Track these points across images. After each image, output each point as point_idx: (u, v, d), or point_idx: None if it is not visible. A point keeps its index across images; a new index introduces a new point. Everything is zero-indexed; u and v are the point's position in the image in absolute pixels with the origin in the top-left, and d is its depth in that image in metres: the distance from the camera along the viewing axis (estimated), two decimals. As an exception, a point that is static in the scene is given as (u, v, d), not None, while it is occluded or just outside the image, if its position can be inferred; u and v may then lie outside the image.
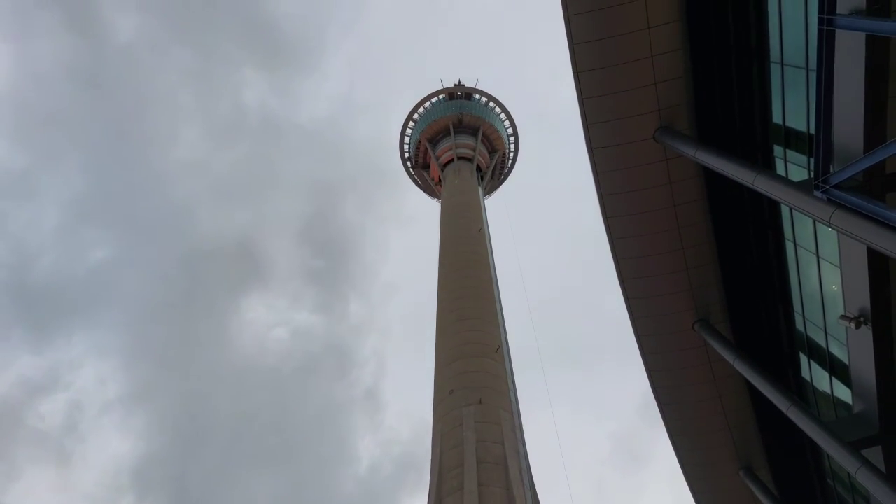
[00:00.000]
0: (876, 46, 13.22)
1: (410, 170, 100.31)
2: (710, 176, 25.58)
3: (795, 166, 20.36)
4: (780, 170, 21.27)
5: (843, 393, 22.83)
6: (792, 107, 19.44)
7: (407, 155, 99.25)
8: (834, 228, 16.22)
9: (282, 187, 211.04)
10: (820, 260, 21.11)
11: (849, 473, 20.43)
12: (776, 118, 20.75)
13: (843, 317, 19.25)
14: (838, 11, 13.35)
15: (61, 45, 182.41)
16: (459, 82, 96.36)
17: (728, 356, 26.79)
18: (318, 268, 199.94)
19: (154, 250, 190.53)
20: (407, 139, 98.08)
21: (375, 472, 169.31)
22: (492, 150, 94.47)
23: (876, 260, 17.31)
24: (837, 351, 22.10)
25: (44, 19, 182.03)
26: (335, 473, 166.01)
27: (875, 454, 20.81)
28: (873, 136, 14.62)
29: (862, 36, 13.24)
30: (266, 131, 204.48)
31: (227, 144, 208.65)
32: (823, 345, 23.09)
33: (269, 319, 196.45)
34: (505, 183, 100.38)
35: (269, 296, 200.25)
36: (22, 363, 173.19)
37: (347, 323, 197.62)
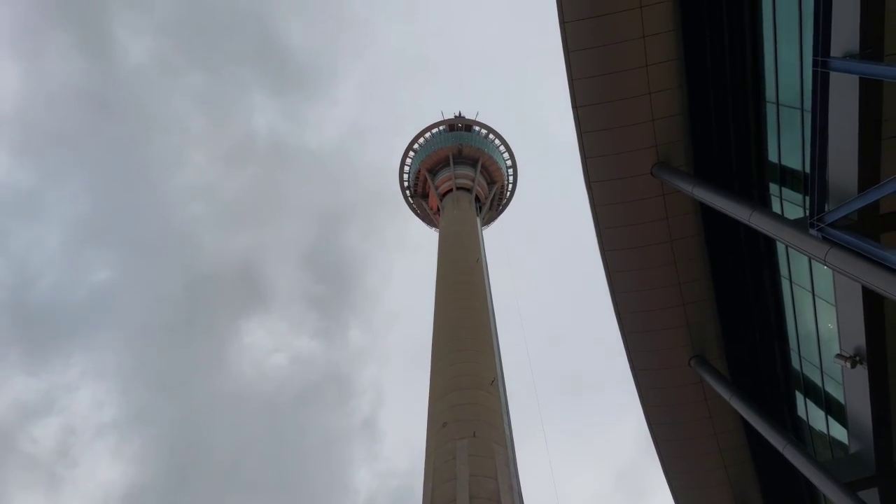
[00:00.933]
0: (869, 89, 13.52)
1: (409, 199, 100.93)
2: (706, 212, 25.81)
3: (791, 204, 20.58)
4: (776, 207, 21.49)
5: (839, 433, 22.65)
6: (787, 146, 19.75)
7: (406, 184, 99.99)
8: (829, 267, 16.34)
9: (287, 212, 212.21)
10: (815, 298, 21.17)
11: (846, 515, 20.14)
12: (772, 156, 21.06)
13: (839, 356, 19.22)
14: (832, 54, 13.69)
15: (73, 65, 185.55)
16: (460, 114, 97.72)
17: (724, 393, 26.63)
18: (320, 293, 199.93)
19: (156, 273, 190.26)
20: (407, 168, 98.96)
21: None
22: (490, 182, 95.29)
23: (871, 299, 17.36)
24: (833, 390, 21.99)
25: (57, 40, 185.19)
26: None
27: (871, 496, 20.56)
28: (867, 176, 14.84)
29: (856, 78, 13.55)
30: (273, 156, 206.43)
31: (235, 168, 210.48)
32: (819, 384, 22.99)
33: (268, 345, 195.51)
34: (503, 214, 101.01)
35: (269, 321, 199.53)
36: (17, 384, 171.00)
37: (347, 350, 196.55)
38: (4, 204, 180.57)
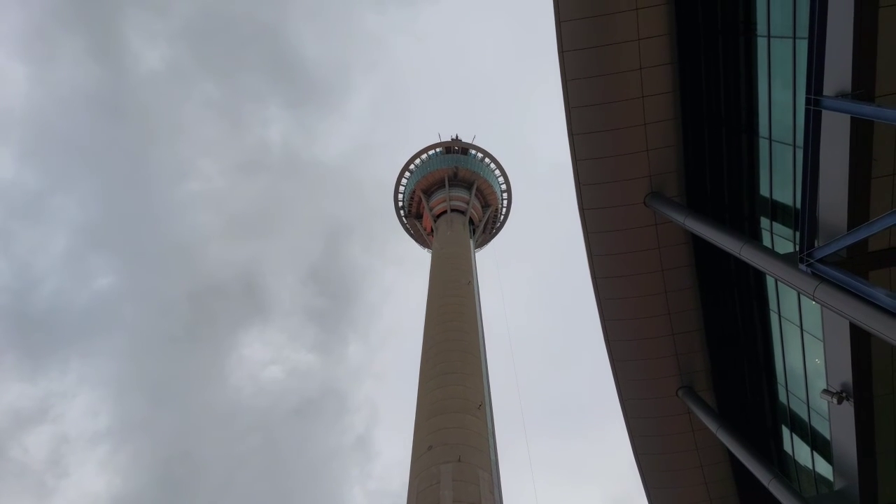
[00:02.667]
0: (860, 128, 13.81)
1: (403, 219, 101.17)
2: (698, 243, 26.04)
3: (781, 239, 20.80)
4: (767, 241, 21.71)
5: (824, 469, 22.61)
6: (779, 181, 20.05)
7: (401, 204, 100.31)
8: (818, 302, 16.47)
9: (293, 224, 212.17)
10: (804, 333, 21.30)
11: (830, 553, 20.03)
12: (763, 191, 21.34)
13: (826, 391, 19.27)
14: (825, 93, 13.99)
15: (84, 70, 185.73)
16: (457, 137, 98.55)
17: (711, 425, 26.59)
18: (320, 307, 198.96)
19: (159, 281, 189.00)
20: (402, 188, 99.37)
21: None
22: (485, 205, 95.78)
23: (858, 336, 17.48)
24: (819, 425, 22.01)
25: (69, 43, 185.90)
26: None
27: (856, 535, 20.44)
28: (857, 213, 15.07)
29: (847, 117, 13.84)
30: (281, 167, 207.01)
31: (242, 178, 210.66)
32: (806, 418, 23.01)
33: (266, 357, 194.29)
34: (496, 237, 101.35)
35: (268, 332, 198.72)
36: (12, 391, 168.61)
37: (345, 365, 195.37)
38: (11, 205, 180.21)
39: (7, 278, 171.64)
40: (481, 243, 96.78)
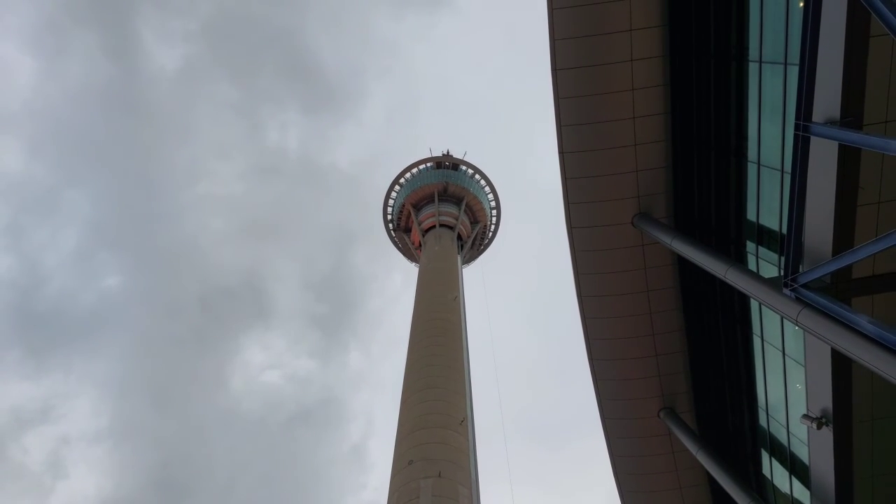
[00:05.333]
0: (848, 156, 14.05)
1: (392, 232, 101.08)
2: (683, 265, 26.23)
3: (766, 263, 21.02)
4: (752, 265, 21.92)
5: (802, 494, 22.65)
6: (766, 206, 20.30)
7: (390, 217, 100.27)
8: (800, 327, 16.63)
9: (300, 229, 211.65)
10: (786, 357, 21.44)
11: (807, 580, 20.00)
12: (750, 215, 21.60)
13: (806, 416, 19.36)
14: (814, 119, 14.24)
15: (98, 67, 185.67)
16: (448, 152, 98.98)
17: (691, 447, 26.60)
18: (323, 313, 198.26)
19: (165, 282, 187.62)
20: (392, 202, 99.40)
21: None
22: (474, 221, 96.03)
23: (840, 362, 17.62)
24: (798, 450, 22.09)
25: (83, 39, 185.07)
26: None
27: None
28: (842, 240, 15.27)
29: (835, 144, 14.08)
30: (293, 172, 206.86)
31: (252, 181, 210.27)
32: (785, 443, 23.09)
33: (268, 362, 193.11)
34: (484, 253, 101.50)
35: (271, 338, 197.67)
36: (14, 390, 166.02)
37: (345, 373, 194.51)
38: (21, 200, 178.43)
39: (14, 274, 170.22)
40: (469, 259, 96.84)
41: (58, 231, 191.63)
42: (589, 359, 29.15)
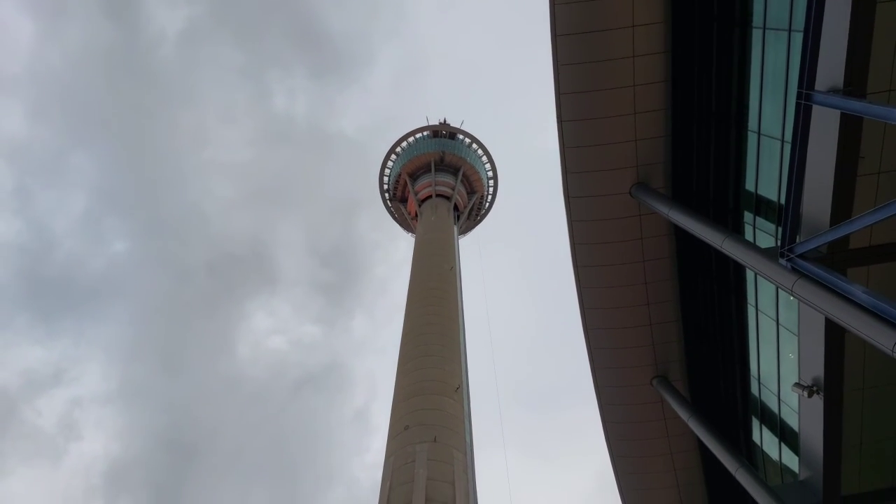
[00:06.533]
0: (849, 125, 13.94)
1: (388, 202, 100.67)
2: (680, 235, 26.25)
3: (763, 233, 21.05)
4: (749, 236, 21.96)
5: (790, 459, 23.15)
6: (765, 176, 20.24)
7: (386, 187, 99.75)
8: (795, 297, 16.72)
9: (306, 195, 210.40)
10: (779, 327, 21.66)
11: (791, 541, 20.58)
12: (749, 185, 21.54)
13: (797, 385, 19.67)
14: (817, 88, 14.08)
15: (100, 28, 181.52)
16: (445, 121, 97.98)
17: (683, 414, 27.02)
18: (328, 280, 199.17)
19: (174, 247, 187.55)
20: (388, 171, 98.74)
21: (352, 502, 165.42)
22: (470, 191, 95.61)
23: (833, 331, 17.82)
24: (789, 418, 22.49)
25: (83, 1, 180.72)
26: (318, 495, 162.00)
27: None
28: (840, 210, 15.27)
29: (837, 113, 13.96)
30: (299, 138, 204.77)
31: (258, 146, 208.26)
32: (776, 411, 23.49)
33: (274, 327, 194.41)
34: (481, 224, 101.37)
35: (276, 304, 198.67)
36: (26, 354, 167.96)
37: (349, 339, 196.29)
38: (26, 163, 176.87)
39: (24, 238, 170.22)
40: (466, 229, 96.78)
41: (65, 195, 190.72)
42: (584, 328, 29.37)
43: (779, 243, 17.77)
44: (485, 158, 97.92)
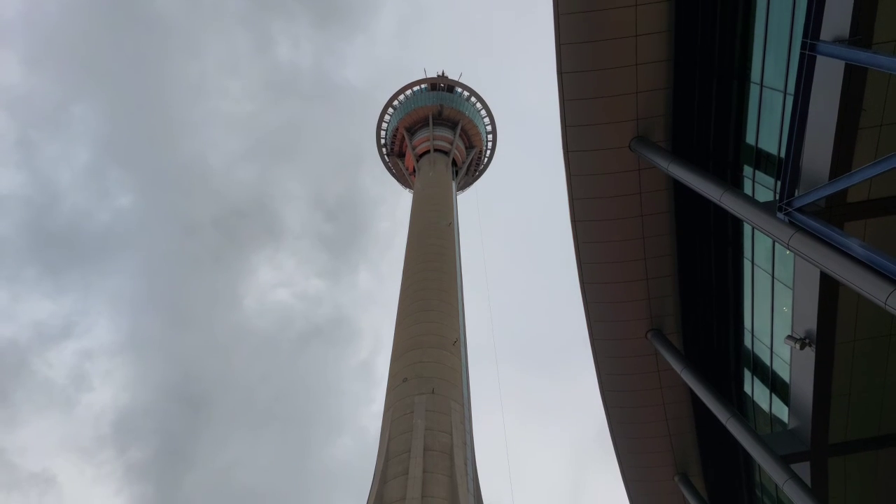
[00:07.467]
0: (853, 76, 13.74)
1: (385, 157, 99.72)
2: (679, 189, 26.16)
3: (762, 187, 21.01)
4: (748, 189, 21.92)
5: (780, 410, 23.75)
6: (766, 129, 20.05)
7: (383, 142, 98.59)
8: (792, 251, 16.82)
9: (310, 148, 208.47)
10: (775, 281, 21.87)
11: (776, 485, 21.30)
12: (749, 139, 21.37)
13: (790, 337, 20.01)
14: (822, 37, 13.81)
15: None
16: (443, 73, 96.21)
17: (676, 366, 27.52)
18: (333, 234, 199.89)
19: (179, 200, 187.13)
20: (385, 125, 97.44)
21: (358, 451, 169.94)
22: (469, 146, 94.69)
23: (827, 285, 18.02)
24: (780, 369, 22.96)
25: None
26: (328, 444, 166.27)
27: (803, 469, 21.75)
28: (840, 164, 15.21)
29: (841, 65, 13.74)
30: (303, 89, 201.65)
31: (261, 99, 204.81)
32: (768, 363, 23.95)
33: (280, 280, 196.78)
34: (480, 179, 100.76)
35: (281, 257, 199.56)
36: (34, 307, 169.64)
37: (354, 292, 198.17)
38: (27, 114, 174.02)
39: (29, 191, 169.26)
40: (464, 185, 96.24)
41: (68, 147, 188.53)
42: (580, 282, 29.58)
43: (777, 197, 17.76)
44: (483, 112, 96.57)
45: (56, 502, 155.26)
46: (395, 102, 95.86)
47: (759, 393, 25.75)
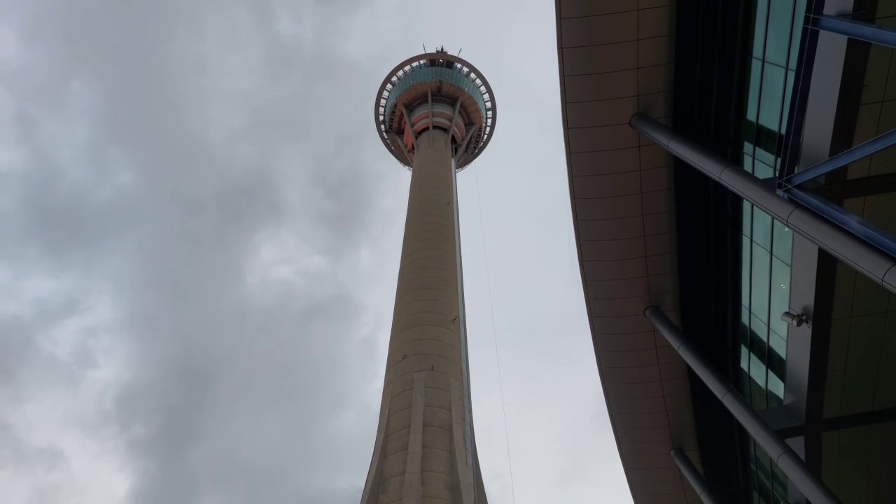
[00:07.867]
0: (856, 51, 13.60)
1: (384, 133, 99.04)
2: (679, 166, 26.07)
3: (763, 164, 20.95)
4: (748, 166, 21.85)
5: (776, 385, 24.00)
6: (767, 105, 19.92)
7: (382, 118, 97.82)
8: (790, 227, 16.83)
9: (313, 123, 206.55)
10: (773, 258, 21.93)
11: (771, 460, 21.62)
12: (750, 115, 21.24)
13: (787, 314, 20.13)
14: (825, 12, 13.65)
15: None
16: (442, 49, 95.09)
17: (674, 342, 27.72)
18: (335, 211, 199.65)
19: (180, 177, 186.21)
20: (384, 101, 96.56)
21: (361, 425, 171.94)
22: (468, 123, 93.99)
23: (825, 262, 18.08)
24: (777, 346, 23.14)
25: None
26: (332, 419, 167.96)
27: (797, 444, 22.07)
28: (840, 140, 15.14)
29: (844, 41, 13.59)
30: (304, 64, 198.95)
31: (262, 74, 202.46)
32: (765, 339, 24.13)
33: (282, 257, 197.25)
34: (479, 156, 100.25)
35: (283, 234, 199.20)
36: (37, 284, 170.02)
37: (356, 269, 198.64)
38: (25, 89, 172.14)
39: (28, 167, 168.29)
40: (463, 162, 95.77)
41: (68, 123, 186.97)
42: (579, 260, 29.63)
43: (777, 174, 17.71)
44: (483, 89, 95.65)
45: (62, 477, 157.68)
46: (394, 78, 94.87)
47: (755, 369, 25.99)
